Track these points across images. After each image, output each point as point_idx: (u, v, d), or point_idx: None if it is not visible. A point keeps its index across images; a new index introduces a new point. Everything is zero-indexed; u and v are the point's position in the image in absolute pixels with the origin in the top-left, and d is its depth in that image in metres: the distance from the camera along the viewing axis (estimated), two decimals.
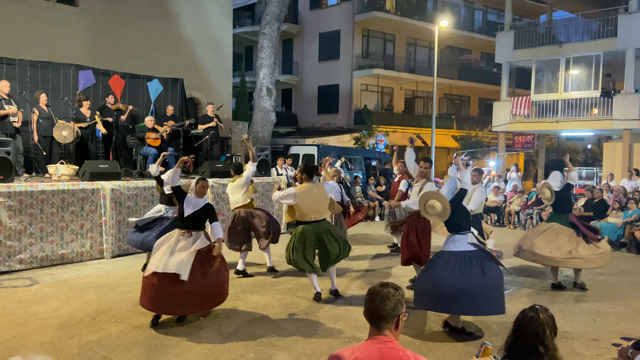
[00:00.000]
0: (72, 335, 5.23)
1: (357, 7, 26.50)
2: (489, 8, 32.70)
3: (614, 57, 19.16)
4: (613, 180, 15.85)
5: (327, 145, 19.43)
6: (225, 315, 5.92)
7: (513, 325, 2.56)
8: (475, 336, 5.39)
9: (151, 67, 14.30)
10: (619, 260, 9.94)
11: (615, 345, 5.30)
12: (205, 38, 17.17)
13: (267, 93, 17.52)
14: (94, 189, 8.76)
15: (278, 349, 5.00)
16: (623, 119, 18.26)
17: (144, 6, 15.58)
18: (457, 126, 30.03)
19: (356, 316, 6.00)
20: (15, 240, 7.77)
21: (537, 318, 2.48)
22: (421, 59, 29.63)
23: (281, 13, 17.76)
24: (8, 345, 4.92)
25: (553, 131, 22.46)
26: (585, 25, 20.94)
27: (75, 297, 6.52)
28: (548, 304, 6.52)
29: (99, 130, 10.42)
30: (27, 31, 13.10)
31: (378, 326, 2.41)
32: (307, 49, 28.67)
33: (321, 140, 23.19)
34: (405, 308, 2.45)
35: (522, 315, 2.54)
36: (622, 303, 6.88)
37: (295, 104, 29.62)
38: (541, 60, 21.01)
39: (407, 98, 29.78)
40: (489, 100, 29.31)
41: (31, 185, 8.07)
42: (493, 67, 30.19)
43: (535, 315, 2.49)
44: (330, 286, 6.75)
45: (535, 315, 2.49)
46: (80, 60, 12.26)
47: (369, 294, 2.47)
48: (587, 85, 19.67)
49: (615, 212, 11.63)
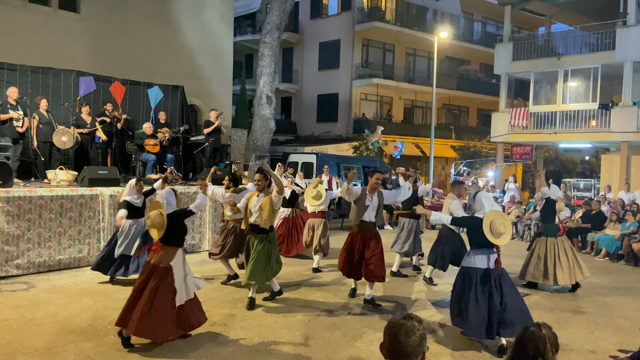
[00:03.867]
0: (69, 341, 5.21)
1: (357, 17, 26.67)
2: (488, 20, 32.94)
3: (612, 70, 19.28)
4: (610, 192, 15.90)
5: (326, 154, 19.46)
6: (223, 324, 5.91)
7: (515, 340, 2.57)
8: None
9: (152, 74, 14.35)
10: (616, 272, 9.96)
11: (613, 357, 5.31)
12: (206, 46, 17.26)
13: (267, 101, 17.57)
14: (93, 194, 8.76)
15: (275, 357, 4.99)
16: (621, 131, 18.36)
17: (145, 13, 15.67)
18: (456, 136, 30.13)
19: (354, 325, 6.00)
20: (12, 245, 7.76)
21: (538, 333, 2.49)
22: (420, 69, 29.79)
23: (282, 22, 17.87)
24: (4, 351, 4.90)
25: (551, 142, 22.56)
26: (583, 38, 21.10)
27: (72, 303, 6.50)
28: (546, 315, 6.57)
29: (99, 137, 10.44)
30: (29, 37, 13.16)
31: None
32: (307, 58, 28.81)
33: (320, 148, 23.22)
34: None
35: (523, 330, 2.56)
36: (620, 315, 6.88)
37: (295, 112, 29.71)
38: (539, 71, 21.13)
39: (406, 108, 29.90)
40: (488, 110, 29.45)
41: (30, 190, 8.07)
42: (492, 78, 30.36)
43: (536, 330, 2.51)
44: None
45: (537, 330, 2.50)
46: (81, 67, 12.30)
47: (390, 327, 2.17)
48: (585, 97, 19.77)
49: (612, 224, 11.66)
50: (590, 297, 7.74)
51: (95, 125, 10.37)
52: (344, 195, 6.79)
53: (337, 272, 8.80)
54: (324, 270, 8.94)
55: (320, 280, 8.25)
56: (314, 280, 8.28)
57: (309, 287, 7.79)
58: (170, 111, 13.18)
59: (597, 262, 10.85)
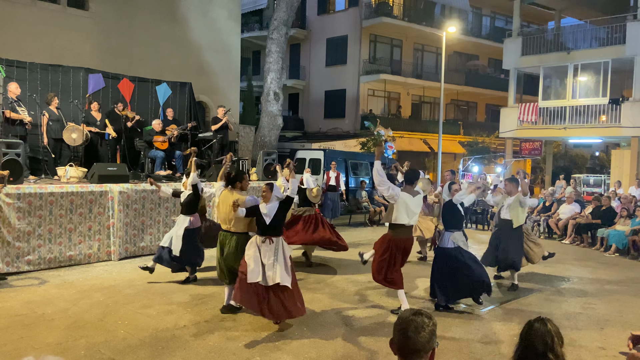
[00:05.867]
0: (80, 336, 5.27)
1: (364, 12, 26.57)
2: (496, 14, 32.68)
3: (622, 64, 19.08)
4: (621, 188, 15.76)
5: (333, 150, 19.45)
6: (231, 319, 5.94)
7: (520, 336, 2.55)
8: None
9: (160, 71, 14.40)
10: (626, 267, 9.89)
11: (623, 353, 5.28)
12: (214, 42, 17.28)
13: (274, 97, 17.58)
14: (103, 191, 8.82)
15: (283, 353, 5.01)
16: (631, 126, 18.17)
17: (153, 10, 15.72)
18: (464, 132, 29.96)
19: (361, 321, 6.01)
20: (24, 241, 7.84)
21: (544, 328, 2.49)
22: (428, 65, 29.63)
23: (289, 18, 17.85)
24: (16, 346, 4.96)
25: (560, 138, 22.37)
26: (593, 32, 20.87)
27: (82, 299, 6.56)
28: (555, 311, 6.54)
29: (108, 134, 10.51)
30: (38, 34, 13.24)
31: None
32: (314, 54, 28.76)
33: (327, 144, 23.20)
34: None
35: (528, 326, 2.54)
36: (630, 311, 6.84)
37: (302, 108, 29.68)
38: (549, 66, 20.96)
39: (414, 103, 29.77)
40: (496, 106, 29.24)
41: (40, 187, 8.14)
42: (500, 73, 30.13)
43: (542, 324, 2.50)
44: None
45: (542, 325, 2.50)
46: (90, 64, 12.38)
47: (399, 323, 2.15)
48: (596, 92, 19.58)
49: (623, 219, 11.56)
50: (599, 293, 7.69)
51: (105, 122, 10.45)
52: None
53: (342, 268, 8.81)
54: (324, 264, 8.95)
55: (325, 276, 8.26)
56: (319, 276, 8.29)
57: (315, 282, 7.81)
58: (179, 108, 13.24)
59: (607, 258, 10.78)
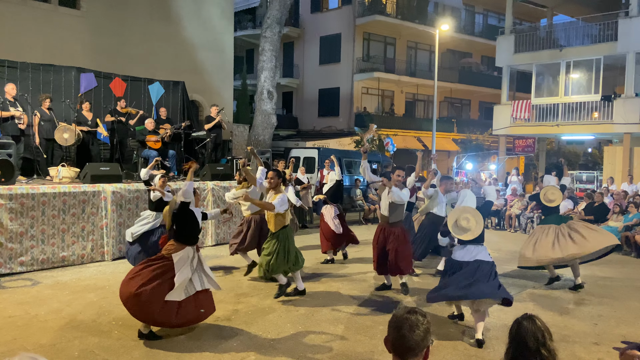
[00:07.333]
0: (73, 337, 5.24)
1: (357, 10, 26.57)
2: (489, 12, 32.76)
3: (614, 61, 19.18)
4: (613, 184, 15.86)
5: (327, 148, 19.45)
6: (226, 318, 5.92)
7: (510, 335, 2.54)
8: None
9: (152, 70, 14.32)
10: (618, 263, 9.95)
11: (617, 349, 5.30)
12: (207, 41, 17.20)
13: (268, 96, 17.54)
14: (95, 191, 8.77)
15: (279, 352, 5.01)
16: (623, 122, 18.28)
17: (145, 9, 15.62)
18: (458, 129, 30.03)
19: (357, 319, 6.01)
20: (16, 242, 7.78)
21: (533, 324, 2.49)
22: (422, 62, 29.68)
23: (282, 16, 17.80)
24: (9, 347, 4.92)
25: (553, 135, 22.48)
26: (585, 29, 20.98)
27: (76, 300, 6.53)
28: (549, 308, 6.57)
29: (100, 134, 10.45)
30: (29, 34, 13.13)
31: (404, 359, 2.12)
32: (308, 52, 28.72)
33: (322, 143, 23.20)
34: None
35: (517, 324, 2.53)
36: (623, 306, 6.88)
37: (296, 107, 29.66)
38: (542, 64, 21.03)
39: (408, 101, 29.82)
40: (490, 103, 29.34)
41: (32, 187, 8.09)
42: (494, 70, 30.23)
43: (530, 322, 2.51)
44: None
45: (531, 322, 2.50)
46: (82, 63, 12.29)
47: (394, 321, 2.15)
48: (588, 89, 19.68)
49: (615, 216, 11.63)
50: (593, 289, 7.73)
51: (97, 122, 10.41)
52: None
53: (339, 268, 8.82)
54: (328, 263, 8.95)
55: (324, 275, 8.26)
56: (318, 275, 8.29)
57: (312, 282, 7.80)
58: (172, 107, 13.18)
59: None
